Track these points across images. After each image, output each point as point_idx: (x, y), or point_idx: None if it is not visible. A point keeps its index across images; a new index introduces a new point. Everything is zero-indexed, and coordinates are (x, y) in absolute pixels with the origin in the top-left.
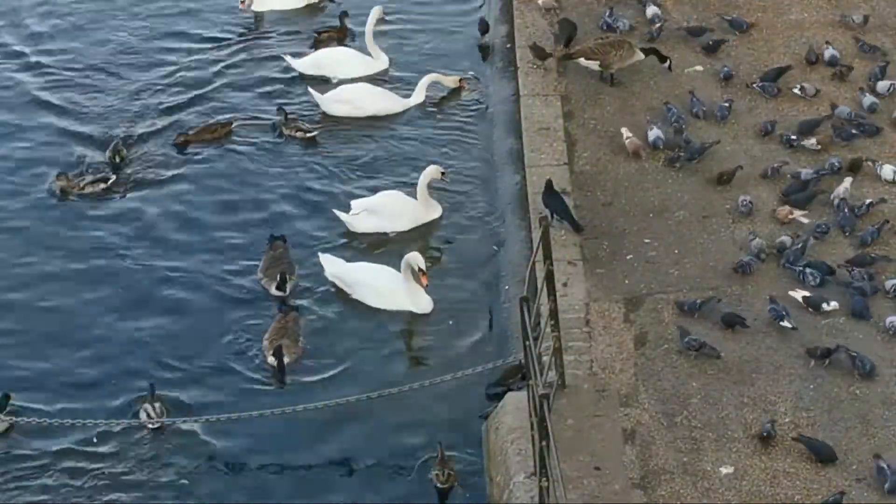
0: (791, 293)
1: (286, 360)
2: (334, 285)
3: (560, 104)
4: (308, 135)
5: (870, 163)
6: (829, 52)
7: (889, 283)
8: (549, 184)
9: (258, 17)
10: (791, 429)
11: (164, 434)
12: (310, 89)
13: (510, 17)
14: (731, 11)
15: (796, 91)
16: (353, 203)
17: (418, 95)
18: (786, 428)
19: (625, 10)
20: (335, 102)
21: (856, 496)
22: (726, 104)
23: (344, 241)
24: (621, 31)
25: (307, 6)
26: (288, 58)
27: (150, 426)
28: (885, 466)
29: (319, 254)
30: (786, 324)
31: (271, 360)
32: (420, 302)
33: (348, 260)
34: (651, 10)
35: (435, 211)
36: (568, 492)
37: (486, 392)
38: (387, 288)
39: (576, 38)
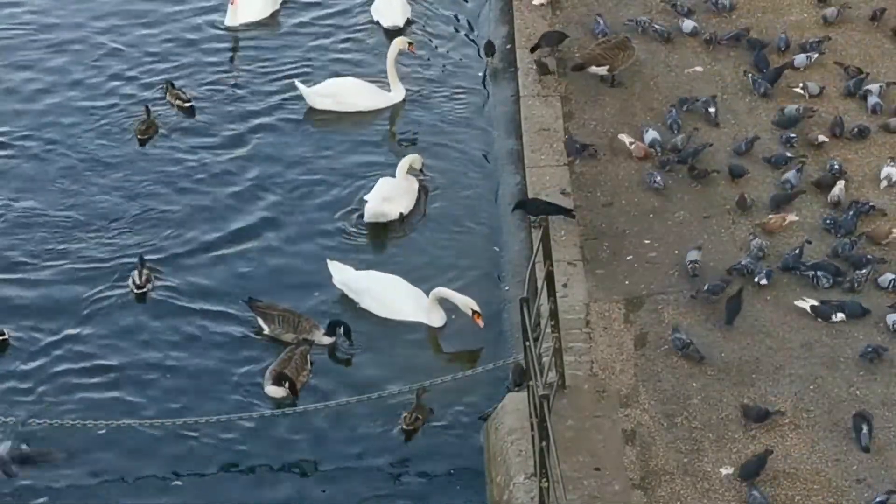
0: (798, 303)
1: (284, 392)
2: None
3: (560, 105)
4: (186, 104)
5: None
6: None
7: (884, 279)
8: (518, 202)
9: (231, 30)
10: (791, 429)
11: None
12: (296, 82)
13: (510, 18)
14: (732, 13)
15: (799, 90)
16: (368, 197)
17: (397, 89)
18: (786, 429)
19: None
20: (321, 96)
21: (856, 497)
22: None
23: (350, 250)
24: (642, 27)
25: (272, 15)
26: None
27: (136, 291)
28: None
29: (328, 261)
30: (764, 280)
31: (269, 389)
32: (435, 318)
33: (357, 268)
34: (688, 23)
35: (416, 183)
36: (568, 492)
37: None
38: (396, 299)
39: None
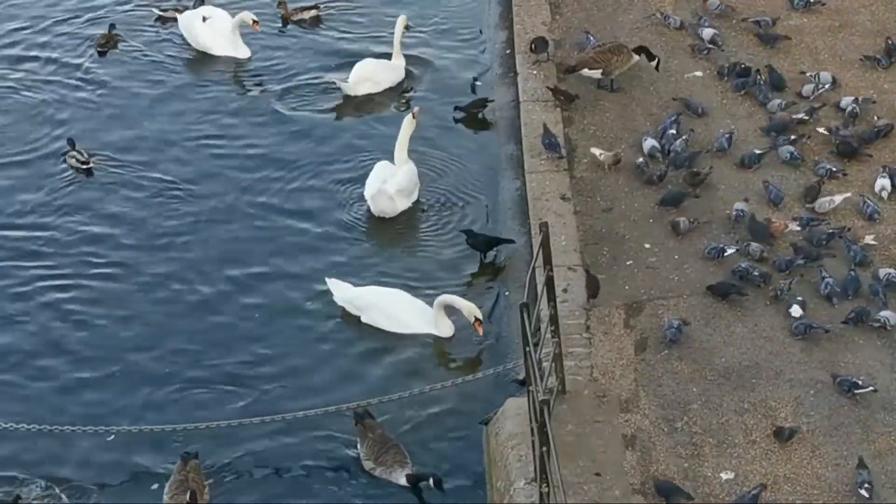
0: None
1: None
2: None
3: (560, 110)
4: (83, 165)
5: None
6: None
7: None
8: (465, 230)
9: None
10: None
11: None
12: (335, 80)
13: (510, 23)
14: (731, 17)
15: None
16: (386, 188)
17: (400, 59)
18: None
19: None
20: (359, 83)
21: (856, 499)
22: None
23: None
24: (673, 27)
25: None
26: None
27: (81, 167)
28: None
29: (327, 279)
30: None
31: None
32: (444, 328)
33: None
34: (707, 31)
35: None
36: (568, 497)
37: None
38: (402, 312)
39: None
